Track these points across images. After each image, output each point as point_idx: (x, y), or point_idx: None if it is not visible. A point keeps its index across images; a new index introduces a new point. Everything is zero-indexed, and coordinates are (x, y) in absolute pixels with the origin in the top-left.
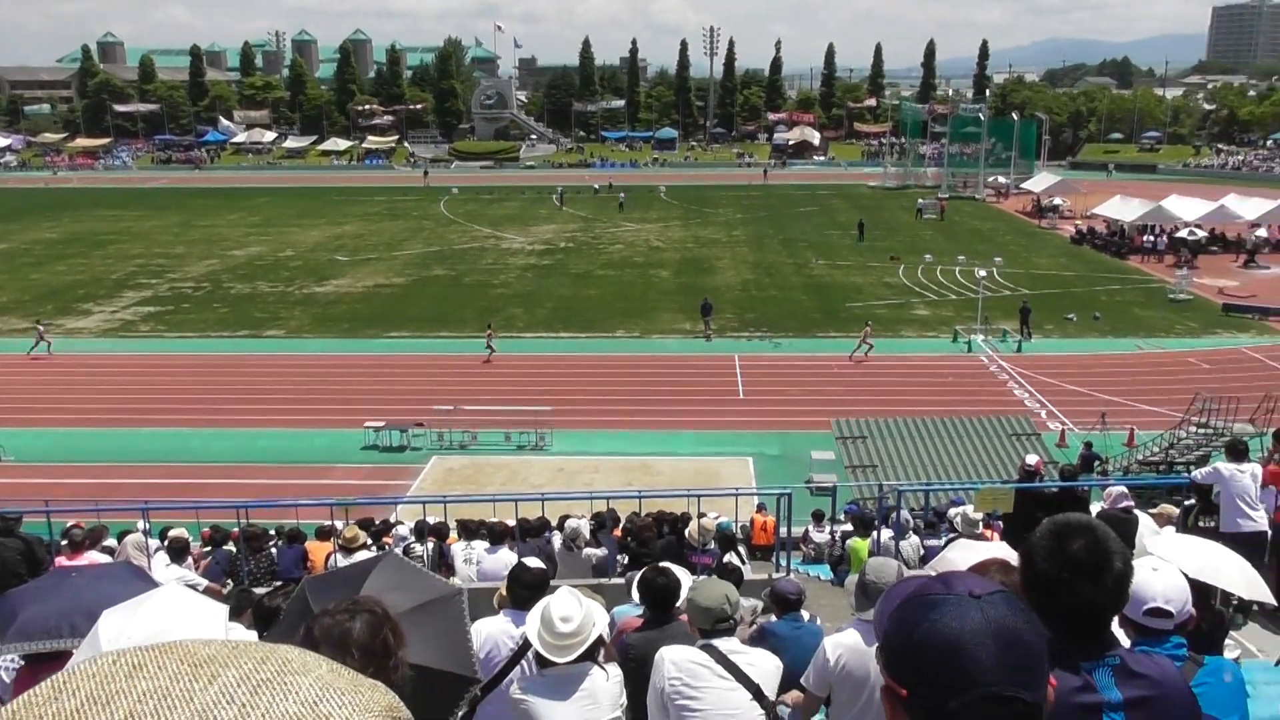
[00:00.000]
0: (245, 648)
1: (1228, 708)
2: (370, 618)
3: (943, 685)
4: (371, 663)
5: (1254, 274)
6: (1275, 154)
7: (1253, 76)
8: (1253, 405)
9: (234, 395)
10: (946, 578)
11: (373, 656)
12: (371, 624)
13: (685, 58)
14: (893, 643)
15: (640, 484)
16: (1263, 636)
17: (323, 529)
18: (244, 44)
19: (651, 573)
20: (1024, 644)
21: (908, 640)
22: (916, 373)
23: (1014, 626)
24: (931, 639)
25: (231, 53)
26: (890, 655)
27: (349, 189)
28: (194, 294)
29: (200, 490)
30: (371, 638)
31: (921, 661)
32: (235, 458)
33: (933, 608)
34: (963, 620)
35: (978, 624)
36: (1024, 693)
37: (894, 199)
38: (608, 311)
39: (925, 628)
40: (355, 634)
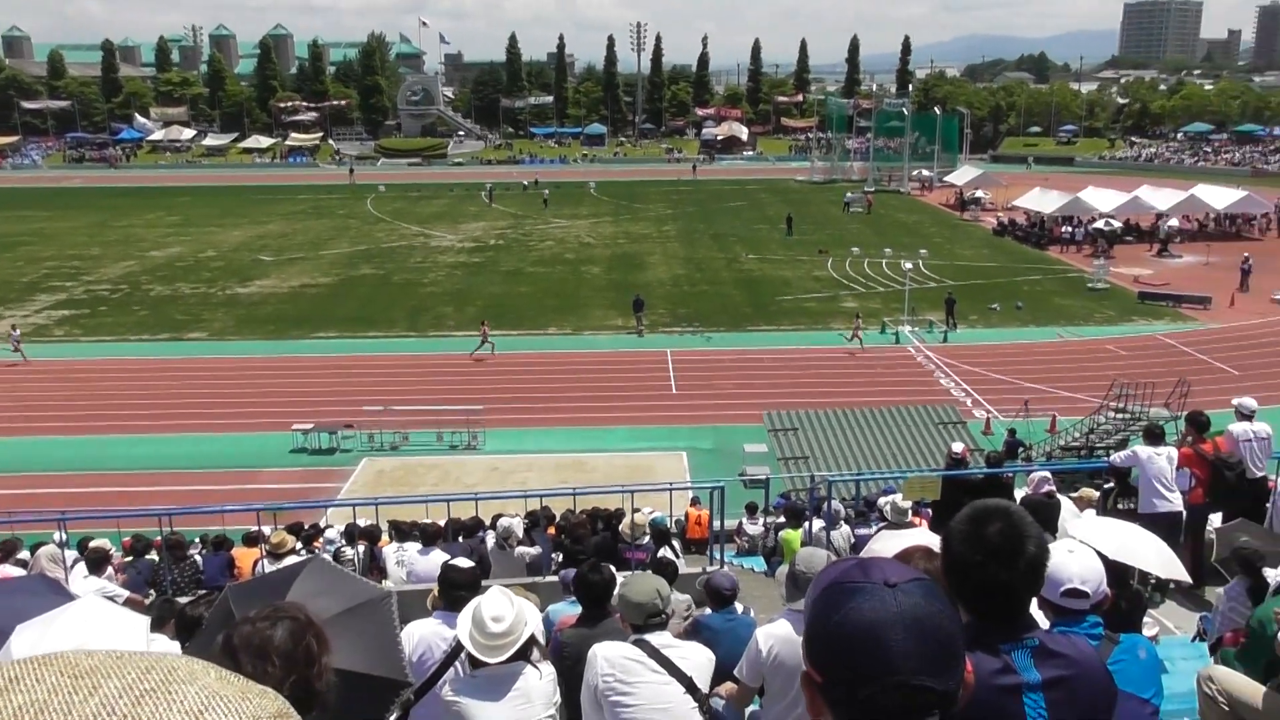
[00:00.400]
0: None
1: (1143, 683)
2: (293, 624)
3: (855, 673)
4: (294, 670)
5: (1167, 263)
6: (1185, 147)
7: (1163, 71)
8: (1168, 390)
9: (155, 400)
10: (865, 565)
11: (294, 664)
12: (294, 630)
13: (613, 54)
14: (811, 630)
15: (574, 481)
16: (1179, 614)
17: (250, 535)
18: (159, 39)
19: (586, 569)
20: (938, 632)
21: (824, 627)
22: (846, 364)
23: (928, 615)
24: (845, 627)
25: (146, 48)
26: (808, 642)
27: (272, 187)
28: (111, 296)
29: (121, 499)
30: (294, 645)
31: (836, 649)
32: (157, 464)
33: (849, 596)
34: (876, 608)
35: (891, 612)
36: (934, 682)
37: (821, 193)
38: (539, 309)
39: (840, 615)
40: (276, 641)
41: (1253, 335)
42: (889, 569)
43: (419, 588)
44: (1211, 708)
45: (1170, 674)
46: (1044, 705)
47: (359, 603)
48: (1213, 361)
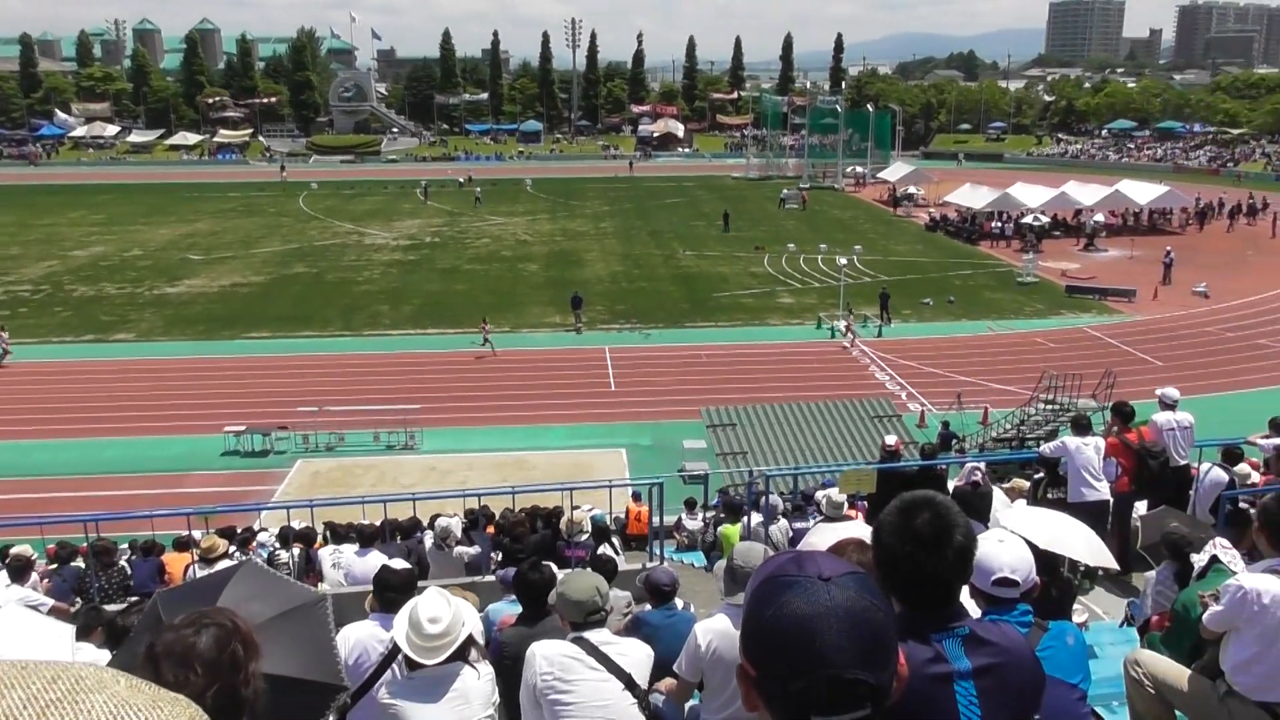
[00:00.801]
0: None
1: (1071, 669)
2: (218, 631)
3: (787, 666)
4: (218, 678)
5: (1093, 257)
6: (1110, 143)
7: (1087, 69)
8: (1094, 381)
9: (80, 403)
10: (800, 559)
11: (219, 672)
12: (219, 637)
13: (548, 50)
14: (746, 624)
15: (514, 480)
16: (1108, 600)
17: (180, 540)
18: (80, 32)
19: (526, 568)
20: (870, 626)
21: (758, 622)
22: (782, 359)
23: (861, 608)
24: (779, 621)
25: (66, 41)
26: (743, 636)
27: (200, 185)
28: (32, 297)
29: (45, 504)
30: (218, 652)
31: (769, 642)
32: (83, 469)
33: (783, 590)
34: (810, 602)
35: (824, 606)
36: (866, 674)
37: (757, 189)
38: (476, 306)
39: (774, 610)
40: (200, 649)
41: (1175, 327)
42: (823, 563)
43: (356, 590)
44: (1138, 691)
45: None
46: (975, 693)
47: (292, 607)
48: (1137, 353)
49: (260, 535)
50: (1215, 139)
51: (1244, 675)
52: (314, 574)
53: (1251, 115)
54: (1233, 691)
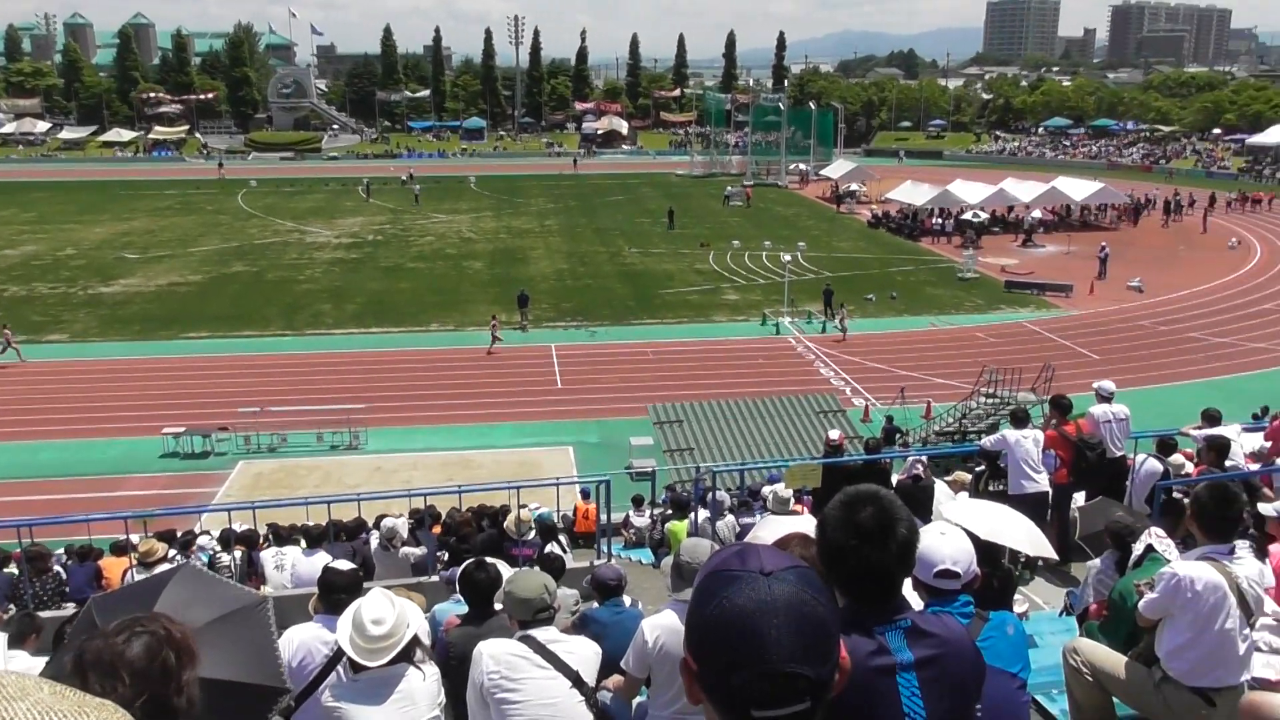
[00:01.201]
0: None
1: (1011, 658)
2: (149, 639)
3: (728, 660)
4: (147, 687)
5: (1031, 253)
6: (1046, 141)
7: (1024, 68)
8: (1034, 375)
9: (12, 405)
10: (744, 553)
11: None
12: (149, 645)
13: (490, 46)
14: (689, 618)
15: (460, 479)
16: (1048, 590)
17: (118, 544)
18: (9, 26)
19: (471, 568)
20: (812, 620)
21: (700, 616)
22: (728, 356)
23: (803, 603)
24: (720, 615)
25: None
26: (686, 629)
27: (136, 182)
28: None
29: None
30: (148, 661)
31: (710, 637)
32: (15, 473)
33: (725, 585)
34: (750, 597)
35: (765, 601)
36: (806, 669)
37: (701, 187)
38: (420, 305)
39: (715, 604)
40: (128, 657)
41: (1110, 321)
42: (766, 557)
43: (302, 592)
44: (1076, 679)
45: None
46: (917, 684)
47: (232, 609)
48: (1075, 347)
49: (201, 538)
50: (1147, 136)
51: (1178, 661)
52: (256, 576)
53: (1182, 113)
54: (1167, 677)
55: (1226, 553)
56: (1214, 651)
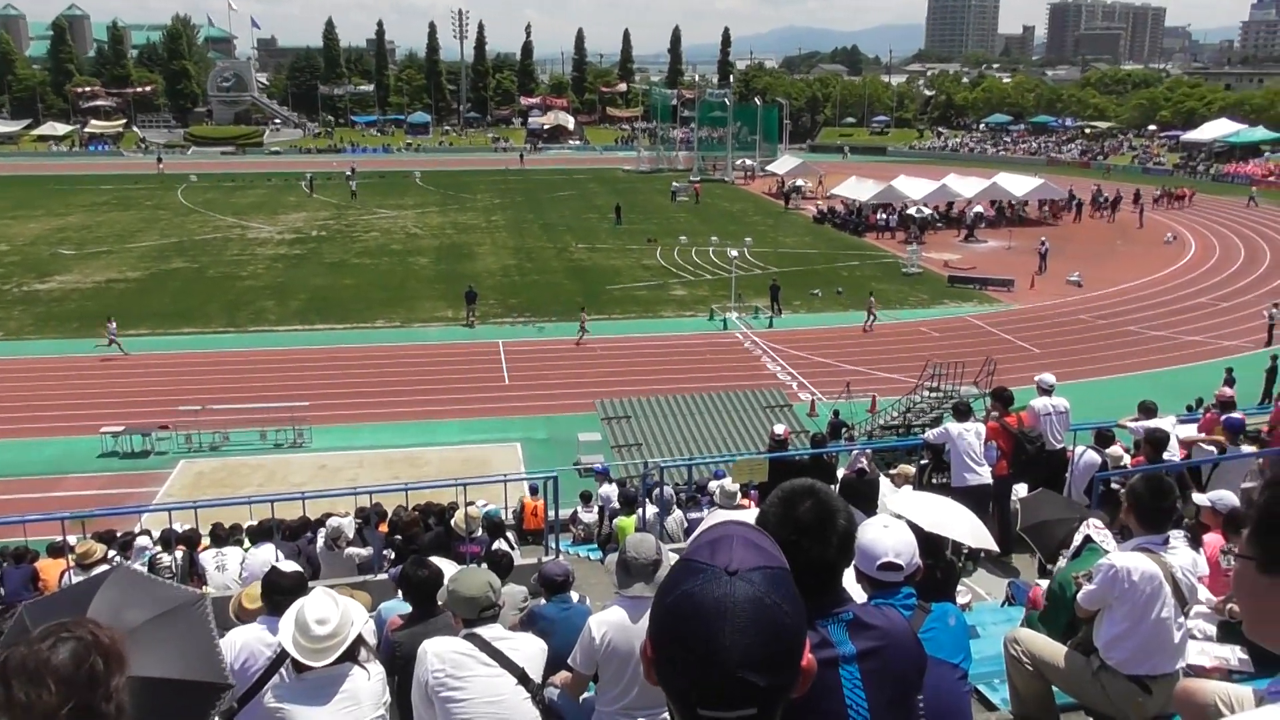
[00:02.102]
0: None
1: (953, 649)
2: (76, 644)
3: (677, 656)
4: (74, 694)
5: (973, 248)
6: (987, 137)
7: (965, 65)
8: (976, 368)
9: None
10: (715, 545)
11: (75, 688)
12: (76, 651)
13: (434, 40)
14: (654, 603)
15: (406, 476)
16: (990, 581)
17: (55, 545)
18: None
19: (410, 566)
20: (771, 626)
21: (661, 604)
22: (676, 351)
23: (765, 606)
24: (678, 608)
25: None
26: (650, 615)
27: (72, 177)
28: None
29: None
30: (75, 667)
31: (666, 628)
32: None
33: (689, 576)
34: (708, 595)
35: (722, 601)
36: (758, 677)
37: (648, 182)
38: (366, 301)
39: (676, 595)
40: (54, 663)
41: (1051, 315)
42: (737, 554)
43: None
44: (1017, 668)
45: (980, 638)
46: (859, 676)
47: (169, 608)
48: (1016, 340)
49: (141, 539)
50: (1086, 133)
51: (1115, 650)
52: (197, 577)
53: (1119, 110)
54: (1105, 666)
55: (1161, 543)
56: (1150, 640)
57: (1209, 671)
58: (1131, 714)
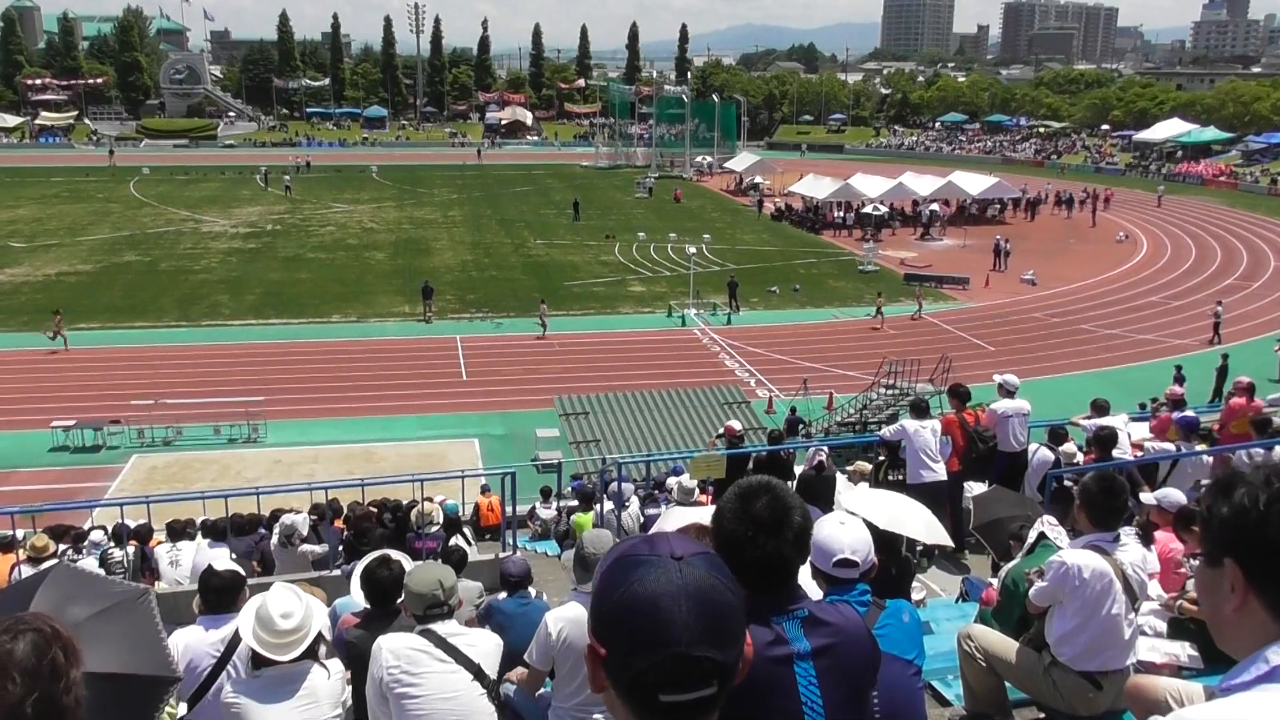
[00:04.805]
0: None
1: (906, 645)
2: (36, 637)
3: (636, 644)
4: (37, 687)
5: (929, 246)
6: (942, 135)
7: (920, 64)
8: (932, 366)
9: None
10: (652, 539)
11: (38, 680)
12: (37, 644)
13: (390, 34)
14: (596, 603)
15: (362, 472)
16: (944, 578)
17: (5, 540)
18: None
19: (374, 565)
20: (719, 605)
21: (609, 600)
22: (634, 347)
23: (711, 587)
24: (629, 599)
25: None
26: (593, 615)
27: (21, 169)
28: None
29: None
30: (38, 659)
31: (620, 621)
32: None
33: (634, 568)
34: (659, 580)
35: (675, 585)
36: (713, 652)
37: (606, 178)
38: (322, 296)
39: (624, 588)
40: (17, 656)
41: (1005, 313)
42: (676, 543)
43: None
44: (970, 664)
45: (935, 634)
46: (814, 673)
47: (113, 603)
48: (971, 338)
49: (93, 533)
50: (1040, 132)
51: (1066, 646)
52: (150, 572)
53: (1072, 110)
54: (1056, 662)
55: (1112, 540)
56: (1101, 636)
57: (1159, 668)
58: (1082, 709)
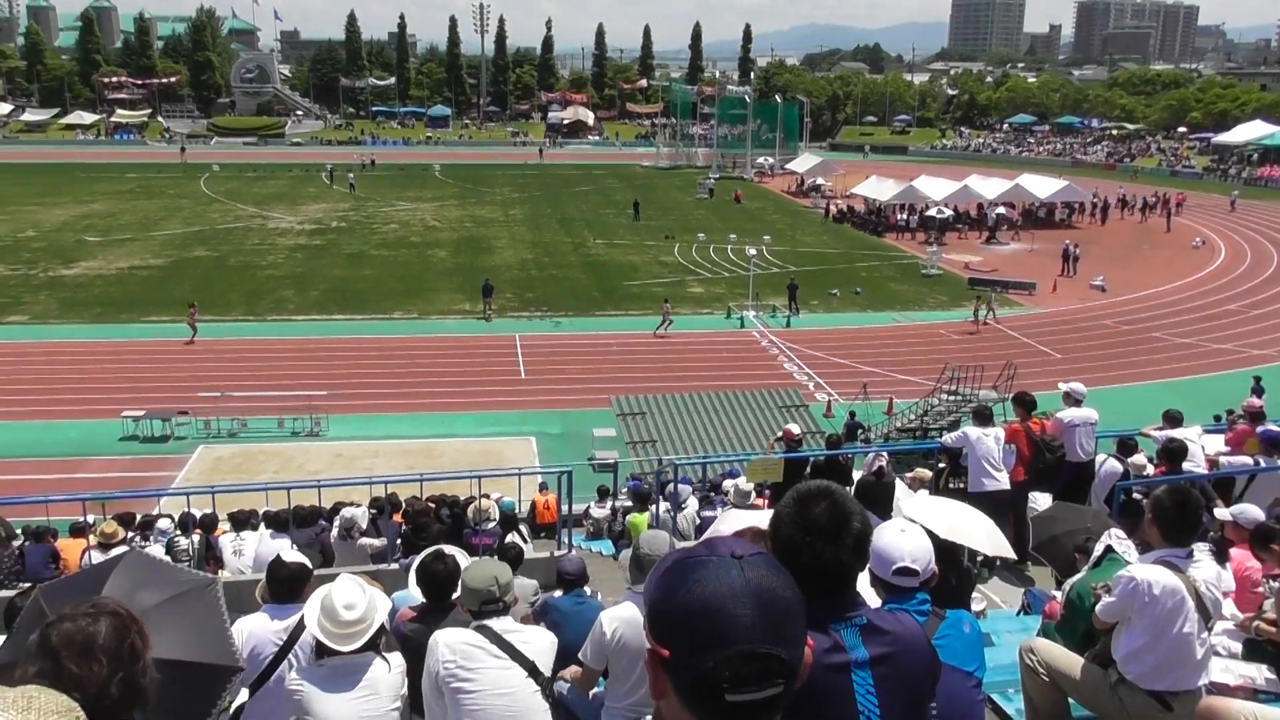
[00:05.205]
0: None
1: (967, 657)
2: (115, 620)
3: (702, 644)
4: (120, 668)
5: (995, 250)
6: (1010, 137)
7: (989, 64)
8: (996, 373)
9: None
10: (711, 542)
11: (120, 661)
12: (117, 627)
13: (455, 34)
14: (658, 606)
15: (422, 467)
16: (1005, 589)
17: (76, 526)
18: None
19: (430, 559)
20: (782, 603)
21: (671, 602)
22: (692, 349)
23: (773, 586)
24: (693, 599)
25: None
26: (655, 618)
27: (97, 165)
28: None
29: None
30: (119, 641)
31: (684, 622)
32: None
33: (696, 569)
34: (723, 581)
35: (738, 584)
36: (779, 649)
37: (667, 179)
38: (384, 292)
39: (688, 589)
40: (101, 638)
41: (1073, 319)
42: (735, 545)
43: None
44: (1032, 678)
45: (995, 647)
46: (871, 681)
47: (181, 591)
48: (1037, 345)
49: (160, 522)
50: (1112, 134)
51: (1134, 664)
52: (214, 561)
53: (1147, 111)
54: (1124, 680)
55: (1184, 556)
56: (1171, 655)
57: (1233, 690)
58: None
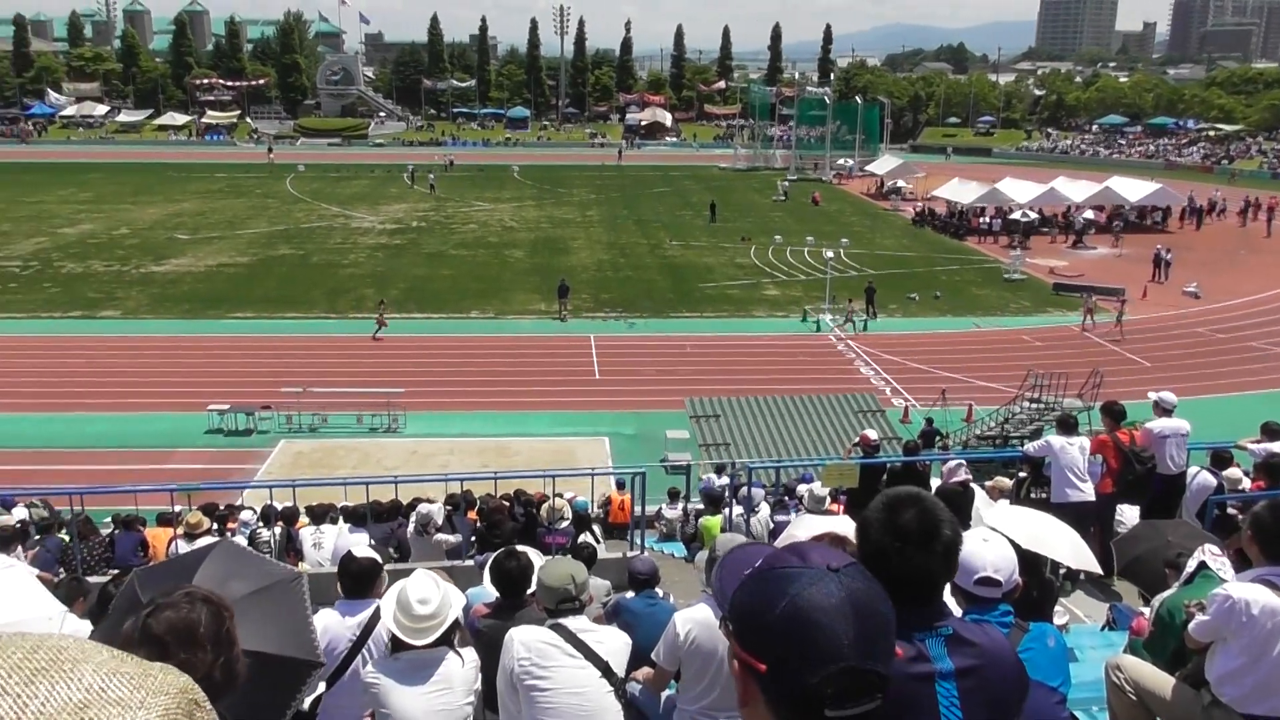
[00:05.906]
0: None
1: (1052, 671)
2: (212, 608)
3: (804, 659)
4: (221, 653)
5: (1081, 254)
6: (1100, 139)
7: (1078, 63)
8: (1081, 381)
9: (67, 378)
10: (800, 550)
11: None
12: (215, 614)
13: (535, 36)
14: (749, 619)
15: (496, 465)
16: (1089, 603)
17: (164, 515)
18: (71, 13)
19: (502, 556)
20: (879, 618)
21: (767, 615)
22: (767, 352)
23: (870, 599)
24: (795, 612)
25: (58, 22)
26: (746, 630)
27: (188, 165)
28: (21, 273)
29: (29, 477)
30: (218, 628)
31: (782, 636)
32: (68, 443)
33: (791, 581)
34: (823, 594)
35: (838, 597)
36: (880, 665)
37: (744, 180)
38: (462, 292)
39: (787, 603)
40: (202, 625)
41: (1164, 326)
42: (826, 554)
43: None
44: (1119, 697)
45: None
46: (956, 694)
47: (268, 584)
48: (1125, 353)
49: (242, 513)
50: (1209, 136)
51: (1230, 686)
52: (294, 553)
53: (1248, 111)
54: (1218, 702)
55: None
56: (1271, 678)
57: None
58: None
